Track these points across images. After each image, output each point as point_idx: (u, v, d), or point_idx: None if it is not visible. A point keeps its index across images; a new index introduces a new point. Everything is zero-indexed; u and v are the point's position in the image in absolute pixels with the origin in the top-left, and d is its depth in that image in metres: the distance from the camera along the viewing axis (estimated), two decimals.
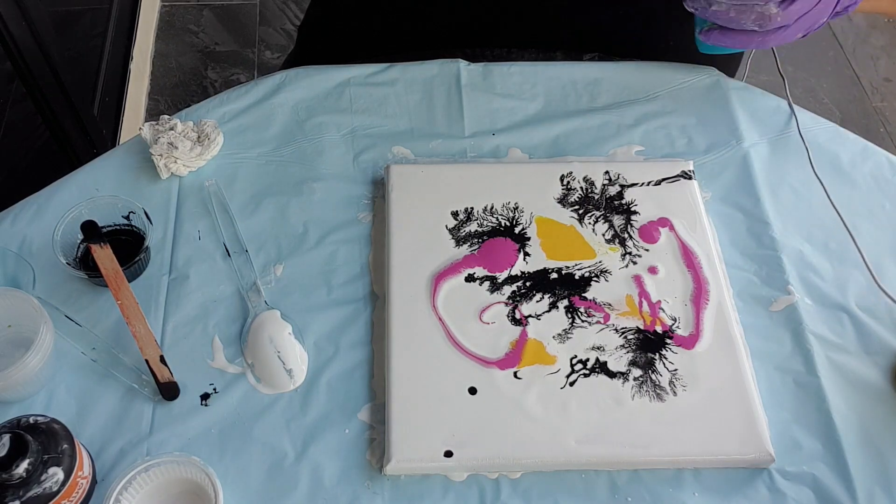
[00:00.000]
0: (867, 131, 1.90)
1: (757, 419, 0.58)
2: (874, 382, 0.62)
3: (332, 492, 0.56)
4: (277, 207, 0.70)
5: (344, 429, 0.59)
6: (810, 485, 0.58)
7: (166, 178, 0.70)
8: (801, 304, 0.66)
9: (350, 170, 0.72)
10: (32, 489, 0.50)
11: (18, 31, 1.19)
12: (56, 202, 0.69)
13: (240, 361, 0.62)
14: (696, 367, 0.61)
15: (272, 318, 0.63)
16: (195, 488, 0.55)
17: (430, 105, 0.77)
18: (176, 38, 2.00)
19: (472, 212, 0.68)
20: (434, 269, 0.65)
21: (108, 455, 0.57)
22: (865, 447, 0.59)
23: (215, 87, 1.89)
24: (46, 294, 0.64)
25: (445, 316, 0.62)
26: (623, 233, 0.67)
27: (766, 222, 0.70)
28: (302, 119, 0.75)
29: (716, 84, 0.79)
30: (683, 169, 0.71)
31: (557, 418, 0.58)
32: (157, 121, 0.72)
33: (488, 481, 0.57)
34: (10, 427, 0.51)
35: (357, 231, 0.69)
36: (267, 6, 2.06)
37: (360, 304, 0.65)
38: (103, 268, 0.62)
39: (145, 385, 0.60)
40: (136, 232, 0.67)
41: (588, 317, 0.63)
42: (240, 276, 0.66)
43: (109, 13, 1.77)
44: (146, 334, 0.61)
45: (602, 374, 0.60)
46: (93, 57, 1.68)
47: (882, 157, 0.76)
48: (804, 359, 0.63)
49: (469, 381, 0.60)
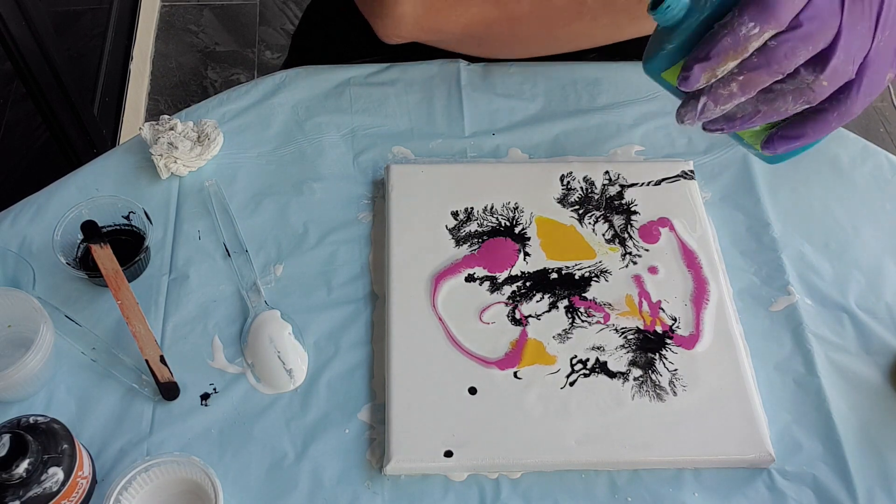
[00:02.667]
0: (867, 131, 1.90)
1: (757, 419, 0.58)
2: (874, 382, 0.62)
3: (332, 492, 0.56)
4: (277, 207, 0.70)
5: (344, 429, 0.59)
6: (810, 485, 0.58)
7: (166, 178, 0.71)
8: (801, 304, 0.66)
9: (350, 170, 0.72)
10: (32, 489, 0.50)
11: (18, 31, 1.19)
12: (56, 202, 0.69)
13: (240, 361, 0.62)
14: (696, 367, 0.61)
15: (272, 318, 0.63)
16: (195, 488, 0.55)
17: (430, 105, 0.77)
18: (176, 38, 2.00)
19: (472, 212, 0.68)
20: (434, 269, 0.65)
21: (108, 455, 0.58)
22: (865, 447, 0.59)
23: (215, 87, 1.89)
24: (46, 294, 0.64)
25: (445, 316, 0.62)
26: (623, 233, 0.67)
27: (766, 222, 0.70)
28: (302, 119, 0.75)
29: None
30: (683, 169, 0.71)
31: (557, 418, 0.58)
32: (157, 121, 0.72)
33: (488, 481, 0.57)
34: (10, 427, 0.51)
35: (357, 231, 0.69)
36: (267, 6, 2.06)
37: (360, 304, 0.65)
38: (103, 268, 0.62)
39: (145, 385, 0.60)
40: (136, 232, 0.67)
41: (588, 317, 0.63)
42: (240, 276, 0.66)
43: (109, 13, 1.77)
44: (146, 334, 0.61)
45: (602, 375, 0.60)
46: (93, 57, 1.68)
47: (882, 157, 0.76)
48: (804, 359, 0.63)
49: (469, 381, 0.60)
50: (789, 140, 0.50)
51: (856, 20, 0.46)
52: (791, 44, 0.45)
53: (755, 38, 0.45)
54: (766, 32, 0.45)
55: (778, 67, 0.46)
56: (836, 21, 0.45)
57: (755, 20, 0.45)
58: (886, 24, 0.46)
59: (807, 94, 0.47)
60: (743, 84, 0.47)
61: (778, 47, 0.45)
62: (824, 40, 0.45)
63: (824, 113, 0.48)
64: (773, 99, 0.47)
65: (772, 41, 0.45)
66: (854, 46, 0.46)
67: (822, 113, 0.48)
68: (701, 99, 0.48)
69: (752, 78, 0.46)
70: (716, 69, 0.47)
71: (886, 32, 0.47)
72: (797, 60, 0.46)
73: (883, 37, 0.47)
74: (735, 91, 0.47)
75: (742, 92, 0.47)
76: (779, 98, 0.47)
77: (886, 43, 0.47)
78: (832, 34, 0.45)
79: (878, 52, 0.47)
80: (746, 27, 0.45)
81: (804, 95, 0.47)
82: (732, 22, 0.45)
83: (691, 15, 0.48)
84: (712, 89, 0.48)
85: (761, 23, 0.45)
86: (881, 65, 0.47)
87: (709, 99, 0.48)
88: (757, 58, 0.46)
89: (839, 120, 0.48)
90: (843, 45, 0.45)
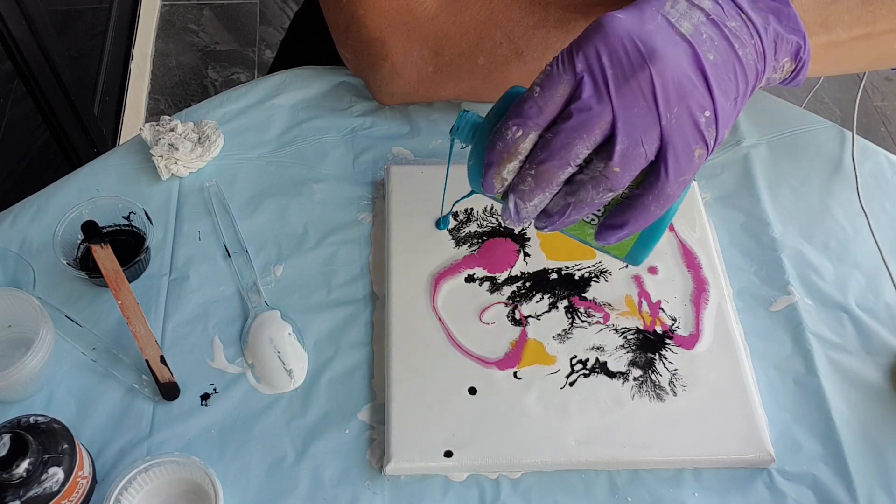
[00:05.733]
0: (867, 131, 1.90)
1: (757, 419, 0.58)
2: (874, 382, 0.62)
3: (332, 492, 0.56)
4: (277, 208, 0.70)
5: (344, 429, 0.59)
6: (810, 485, 0.58)
7: (167, 178, 0.71)
8: (801, 304, 0.66)
9: (350, 170, 0.72)
10: (32, 489, 0.50)
11: (18, 31, 1.19)
12: (56, 202, 0.69)
13: (240, 362, 0.62)
14: (696, 367, 0.61)
15: (272, 318, 0.63)
16: (195, 488, 0.55)
17: (430, 105, 0.77)
18: (176, 37, 2.00)
19: (471, 212, 0.68)
20: (434, 269, 0.65)
21: (108, 455, 0.58)
22: (865, 447, 0.59)
23: (215, 87, 1.90)
24: (46, 294, 0.64)
25: (445, 316, 0.63)
26: None
27: (766, 222, 0.70)
28: (302, 120, 0.75)
29: None
30: None
31: (557, 418, 0.58)
32: (158, 121, 0.72)
33: (488, 481, 0.57)
34: (11, 427, 0.51)
35: (357, 232, 0.69)
36: (267, 5, 2.07)
37: (360, 304, 0.65)
38: (104, 268, 0.62)
39: (145, 385, 0.60)
40: (137, 232, 0.67)
41: (588, 317, 0.63)
42: (240, 277, 0.66)
43: (110, 12, 1.77)
44: (146, 334, 0.61)
45: (602, 375, 0.60)
46: (93, 56, 1.68)
47: (882, 157, 0.76)
48: (804, 359, 0.63)
49: (469, 381, 0.60)
50: (615, 228, 0.49)
51: (630, 103, 0.45)
52: (564, 135, 0.45)
53: (521, 139, 0.46)
54: (531, 132, 0.46)
55: (560, 159, 0.46)
56: (606, 108, 0.45)
57: (516, 124, 0.46)
58: (669, 101, 0.45)
59: (604, 182, 0.46)
60: (537, 177, 0.47)
61: (554, 139, 0.46)
62: (600, 128, 0.45)
63: (640, 198, 0.47)
64: (576, 190, 0.47)
65: (549, 134, 0.46)
66: (638, 129, 0.45)
67: (639, 198, 0.47)
68: (510, 198, 0.49)
69: (542, 171, 0.46)
70: (500, 172, 0.48)
71: (675, 109, 0.45)
72: (578, 150, 0.45)
73: (672, 114, 0.45)
74: (533, 185, 0.47)
75: (539, 186, 0.47)
76: (581, 189, 0.47)
77: (680, 119, 0.45)
78: (608, 120, 0.45)
79: (673, 129, 0.45)
80: (511, 130, 0.47)
81: (602, 183, 0.46)
82: (500, 128, 0.47)
83: (481, 133, 0.52)
84: (514, 186, 0.48)
85: (520, 125, 0.46)
86: (683, 142, 0.45)
87: (516, 197, 0.48)
88: (540, 152, 0.46)
89: (657, 203, 0.47)
90: (622, 128, 0.45)
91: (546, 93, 0.46)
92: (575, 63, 0.46)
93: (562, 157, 0.46)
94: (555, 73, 0.46)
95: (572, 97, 0.46)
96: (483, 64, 0.69)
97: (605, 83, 0.45)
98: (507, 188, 0.49)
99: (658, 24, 0.46)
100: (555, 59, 0.47)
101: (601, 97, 0.45)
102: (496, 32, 0.68)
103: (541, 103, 0.46)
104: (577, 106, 0.45)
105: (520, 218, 0.49)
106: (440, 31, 0.68)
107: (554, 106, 0.46)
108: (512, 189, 0.48)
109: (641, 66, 0.45)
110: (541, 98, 0.46)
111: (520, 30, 0.68)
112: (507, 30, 0.68)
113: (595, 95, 0.45)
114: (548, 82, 0.46)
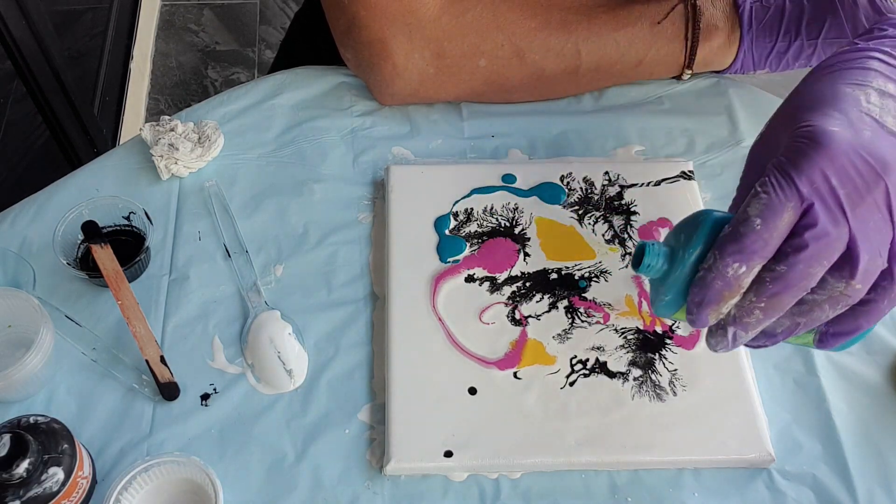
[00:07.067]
0: None
1: (757, 419, 0.58)
2: (874, 382, 0.62)
3: (332, 492, 0.56)
4: (277, 208, 0.70)
5: (344, 429, 0.59)
6: (810, 485, 0.58)
7: (167, 178, 0.71)
8: None
9: (350, 171, 0.72)
10: (32, 489, 0.50)
11: (18, 31, 1.19)
12: (56, 202, 0.69)
13: (240, 361, 0.62)
14: (696, 367, 0.61)
15: (272, 318, 0.63)
16: (195, 488, 0.55)
17: (430, 106, 0.77)
18: (176, 37, 2.00)
19: (472, 212, 0.68)
20: (434, 269, 0.65)
21: (108, 455, 0.58)
22: (865, 447, 0.59)
23: (216, 87, 1.90)
24: (46, 294, 0.64)
25: (445, 316, 0.63)
26: (623, 233, 0.67)
27: None
28: (302, 120, 0.75)
29: (716, 84, 0.79)
30: (683, 169, 0.71)
31: (557, 418, 0.58)
32: (158, 121, 0.72)
33: (488, 481, 0.57)
34: (11, 427, 0.51)
35: (357, 232, 0.69)
36: (267, 5, 2.06)
37: (360, 304, 0.65)
38: (103, 268, 0.62)
39: (145, 385, 0.60)
40: (137, 232, 0.67)
41: (588, 317, 0.63)
42: (240, 277, 0.66)
43: (109, 12, 1.77)
44: (146, 334, 0.61)
45: (602, 375, 0.60)
46: (93, 56, 1.68)
47: None
48: (804, 359, 0.63)
49: (469, 381, 0.60)
50: (843, 336, 0.47)
51: (866, 218, 0.43)
52: (803, 265, 0.43)
53: (745, 274, 0.44)
54: (755, 266, 0.44)
55: (797, 289, 0.44)
56: (844, 230, 0.43)
57: (737, 260, 0.44)
58: None
59: (842, 299, 0.44)
60: (766, 309, 0.45)
61: (790, 271, 0.43)
62: (838, 250, 0.43)
63: (875, 303, 0.45)
64: (808, 311, 0.45)
65: (781, 266, 0.44)
66: (875, 242, 0.44)
67: (874, 304, 0.45)
68: (729, 330, 0.46)
69: (773, 303, 0.44)
70: (718, 309, 0.46)
71: None
72: (815, 278, 0.44)
73: None
74: (761, 317, 0.45)
75: (768, 316, 0.45)
76: (815, 309, 0.45)
77: None
78: (845, 241, 0.43)
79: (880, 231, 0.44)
80: (732, 269, 0.44)
81: (840, 301, 0.44)
82: (716, 265, 0.44)
83: (674, 267, 0.48)
84: (737, 319, 0.46)
85: (742, 261, 0.44)
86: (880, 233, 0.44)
87: (737, 328, 0.46)
88: (772, 285, 0.44)
89: (891, 305, 0.45)
90: (863, 246, 0.43)
91: (770, 224, 0.43)
92: (799, 188, 0.43)
93: (798, 287, 0.44)
94: (775, 201, 0.43)
95: (798, 222, 0.43)
96: (484, 66, 0.69)
97: (840, 205, 0.43)
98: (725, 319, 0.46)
99: (871, 127, 0.44)
100: (768, 184, 0.44)
101: (837, 221, 0.43)
102: (498, 34, 0.68)
103: (766, 236, 0.43)
104: (812, 234, 0.43)
105: (737, 345, 0.47)
106: (442, 32, 0.68)
107: (779, 237, 0.43)
108: (733, 322, 0.46)
109: (877, 181, 0.43)
110: (765, 230, 0.43)
111: (521, 32, 0.68)
112: (508, 32, 0.68)
113: (830, 220, 0.43)
114: (769, 213, 0.43)
